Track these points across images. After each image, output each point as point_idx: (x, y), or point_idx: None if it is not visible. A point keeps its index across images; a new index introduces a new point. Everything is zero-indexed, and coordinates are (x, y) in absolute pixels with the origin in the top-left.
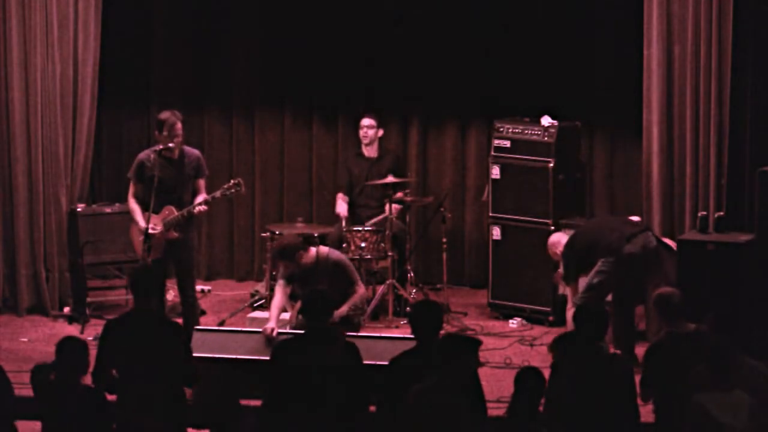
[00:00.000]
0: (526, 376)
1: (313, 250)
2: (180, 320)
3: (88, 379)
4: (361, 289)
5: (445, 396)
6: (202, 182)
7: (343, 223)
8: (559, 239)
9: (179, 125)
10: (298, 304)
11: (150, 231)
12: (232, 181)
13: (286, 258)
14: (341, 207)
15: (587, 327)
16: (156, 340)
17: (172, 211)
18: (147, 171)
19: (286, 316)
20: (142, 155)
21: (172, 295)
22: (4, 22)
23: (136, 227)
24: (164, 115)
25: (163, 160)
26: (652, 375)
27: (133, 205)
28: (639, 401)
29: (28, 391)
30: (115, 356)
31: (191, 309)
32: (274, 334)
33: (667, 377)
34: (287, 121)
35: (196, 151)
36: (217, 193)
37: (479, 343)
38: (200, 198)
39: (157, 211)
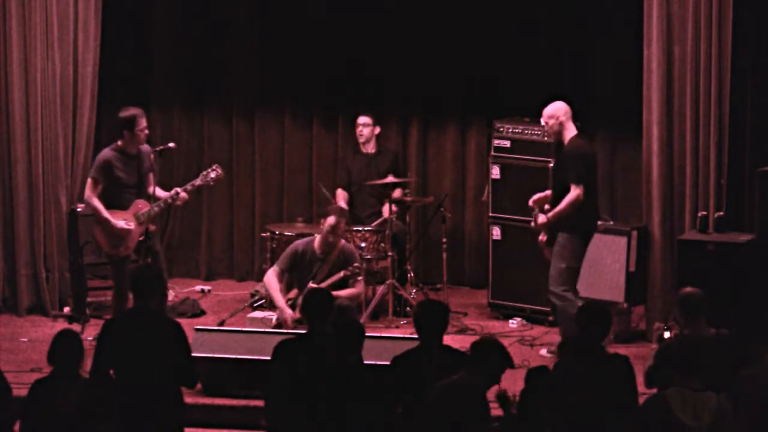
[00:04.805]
0: (535, 375)
1: None
2: (179, 320)
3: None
4: (361, 286)
5: (467, 395)
6: (151, 176)
7: None
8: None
9: (144, 122)
10: (293, 293)
11: (126, 227)
12: (212, 169)
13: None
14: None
15: (589, 328)
16: (155, 340)
17: (145, 204)
18: (115, 171)
19: (271, 315)
20: (107, 155)
21: (172, 295)
22: (4, 22)
23: (109, 226)
24: (132, 112)
25: (125, 157)
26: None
27: (99, 204)
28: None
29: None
30: (113, 356)
31: (161, 274)
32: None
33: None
34: (287, 121)
35: (147, 146)
36: (198, 181)
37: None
38: (160, 192)
39: (126, 207)
